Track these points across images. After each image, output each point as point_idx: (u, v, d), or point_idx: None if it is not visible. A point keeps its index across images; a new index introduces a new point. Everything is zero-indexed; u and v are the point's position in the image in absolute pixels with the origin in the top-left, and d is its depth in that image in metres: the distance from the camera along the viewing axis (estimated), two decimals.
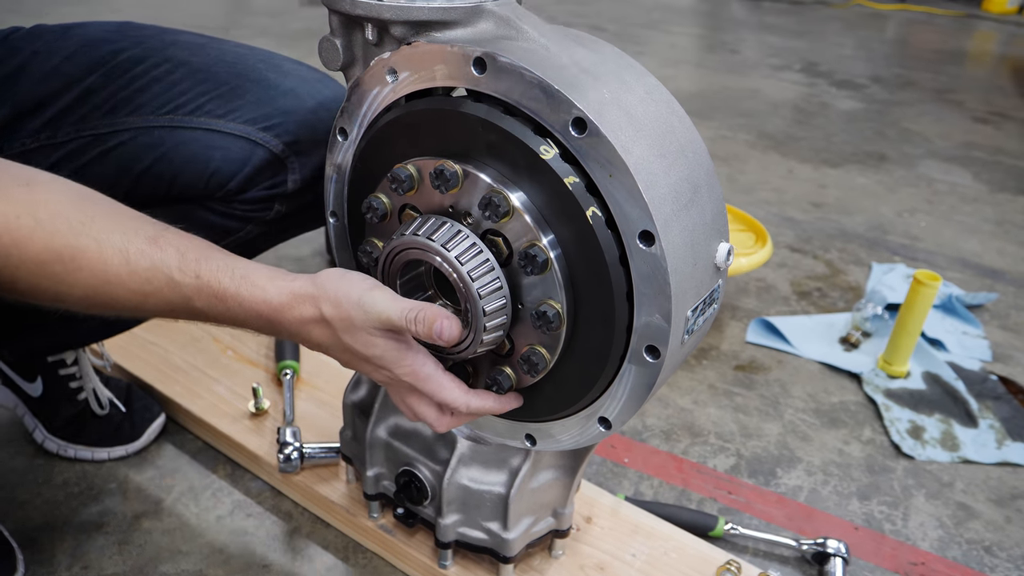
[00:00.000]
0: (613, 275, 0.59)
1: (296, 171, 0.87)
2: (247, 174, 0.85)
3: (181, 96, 0.85)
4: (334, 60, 0.71)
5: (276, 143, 0.85)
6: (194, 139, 0.84)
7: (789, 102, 3.07)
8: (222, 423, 1.12)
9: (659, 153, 0.58)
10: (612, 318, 0.60)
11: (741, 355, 1.48)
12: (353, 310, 0.60)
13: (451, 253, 0.61)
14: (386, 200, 0.68)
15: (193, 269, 0.59)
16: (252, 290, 0.59)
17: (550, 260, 0.60)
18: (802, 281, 1.75)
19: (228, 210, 0.88)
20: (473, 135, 0.61)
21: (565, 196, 0.58)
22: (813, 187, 2.29)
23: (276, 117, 0.85)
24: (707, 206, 0.61)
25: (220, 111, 0.84)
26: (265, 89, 0.86)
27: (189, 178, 0.85)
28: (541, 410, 0.72)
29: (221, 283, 0.59)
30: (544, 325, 0.62)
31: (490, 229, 0.63)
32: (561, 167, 0.58)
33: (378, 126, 0.69)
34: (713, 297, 0.64)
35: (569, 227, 0.59)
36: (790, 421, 1.30)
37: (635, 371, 0.63)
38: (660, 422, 1.28)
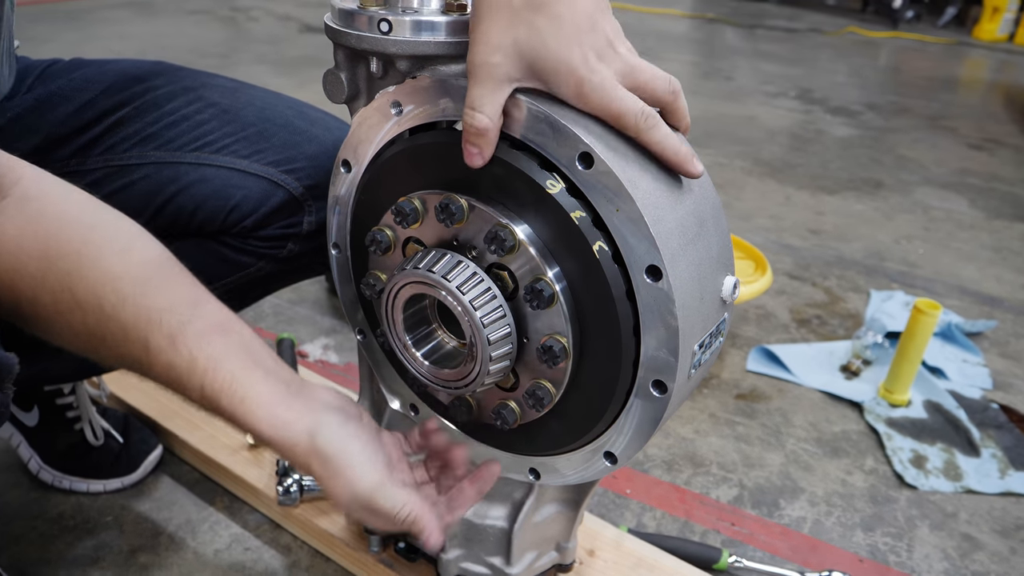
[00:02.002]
0: (620, 310, 0.58)
1: (313, 213, 0.88)
2: (265, 212, 0.86)
3: (209, 135, 0.87)
4: (338, 93, 0.71)
5: (296, 185, 0.87)
6: (218, 176, 0.86)
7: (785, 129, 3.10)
8: (220, 454, 1.11)
9: (665, 187, 0.58)
10: (619, 353, 0.60)
11: (742, 384, 1.47)
12: (342, 491, 0.62)
13: (452, 283, 0.61)
14: (390, 233, 0.68)
15: (199, 381, 0.60)
16: (247, 417, 0.61)
17: (556, 294, 0.60)
18: (801, 308, 1.75)
19: (243, 245, 0.89)
20: (479, 169, 0.61)
21: (571, 230, 0.58)
22: (811, 214, 2.30)
23: (299, 161, 0.87)
24: (713, 240, 0.61)
25: (245, 151, 0.86)
26: (291, 134, 0.88)
27: (209, 212, 0.86)
28: (546, 444, 0.71)
29: (220, 402, 0.61)
30: (550, 359, 0.62)
31: (495, 263, 0.63)
32: (568, 201, 0.58)
33: (383, 159, 0.69)
34: (719, 330, 0.64)
35: (575, 261, 0.59)
36: (792, 451, 1.29)
37: (641, 405, 0.63)
38: (662, 452, 1.27)
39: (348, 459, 0.62)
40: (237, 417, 0.61)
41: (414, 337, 0.71)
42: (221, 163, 0.86)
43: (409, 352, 0.70)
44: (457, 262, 0.62)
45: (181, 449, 1.16)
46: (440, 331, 0.72)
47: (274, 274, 0.92)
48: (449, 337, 0.72)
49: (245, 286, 0.93)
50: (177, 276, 0.62)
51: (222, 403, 0.61)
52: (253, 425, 0.61)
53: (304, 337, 1.54)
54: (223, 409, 0.61)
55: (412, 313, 0.70)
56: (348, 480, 0.62)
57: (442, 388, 0.69)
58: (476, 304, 0.61)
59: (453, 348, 0.72)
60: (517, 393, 0.67)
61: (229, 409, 0.61)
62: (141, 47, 3.67)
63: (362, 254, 0.75)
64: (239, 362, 0.62)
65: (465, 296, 0.61)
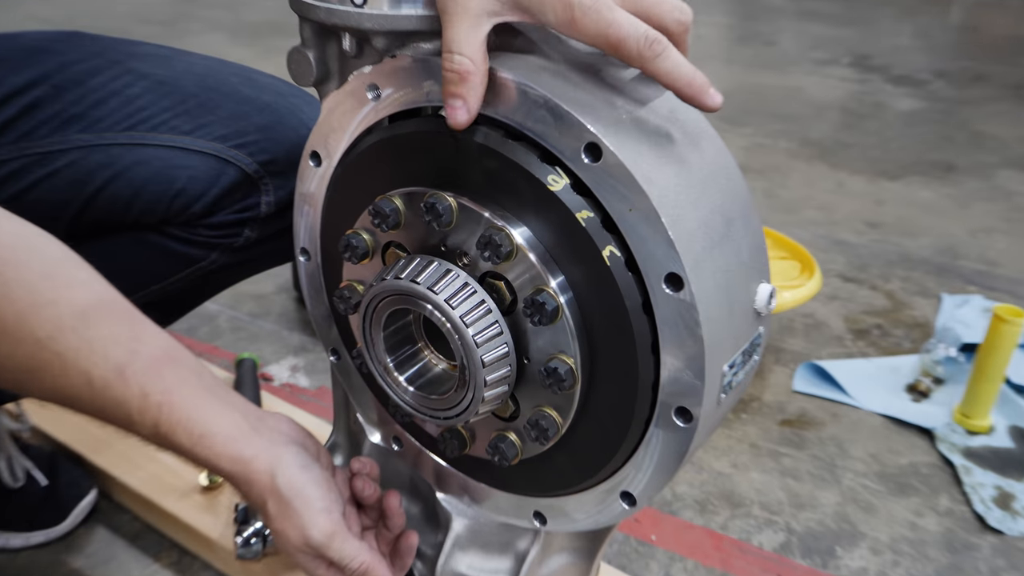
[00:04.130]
0: (635, 324, 0.60)
1: (270, 193, 0.90)
2: (215, 195, 0.88)
3: (142, 111, 0.88)
4: (306, 75, 0.73)
5: (249, 161, 0.89)
6: (156, 157, 0.87)
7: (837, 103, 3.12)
8: (167, 499, 1.12)
9: (686, 181, 0.60)
10: (635, 375, 0.62)
11: (788, 407, 1.48)
12: (294, 536, 0.68)
13: (439, 296, 0.63)
14: (367, 237, 0.70)
15: (153, 417, 0.64)
16: (207, 454, 0.66)
17: (560, 307, 0.61)
18: (858, 317, 1.76)
19: (192, 235, 0.91)
20: (469, 163, 0.63)
21: (578, 234, 0.60)
22: (868, 203, 2.31)
23: (250, 134, 0.89)
24: (744, 241, 0.63)
25: (187, 127, 0.88)
26: (238, 104, 0.90)
27: (150, 199, 0.88)
28: (552, 483, 0.72)
29: (177, 439, 0.65)
30: (555, 383, 0.63)
31: (490, 272, 0.64)
32: (573, 200, 0.59)
33: (357, 151, 0.71)
34: (754, 347, 0.65)
35: (583, 269, 0.61)
36: (850, 488, 1.31)
37: (663, 437, 0.64)
38: (693, 490, 1.28)
39: (305, 504, 0.68)
40: (196, 453, 0.65)
41: (396, 359, 0.72)
42: (160, 142, 0.87)
43: (391, 376, 0.72)
44: (445, 271, 0.64)
45: (120, 493, 1.17)
46: (427, 351, 0.74)
47: (230, 266, 0.94)
48: (437, 358, 0.74)
49: (196, 283, 0.95)
50: (116, 301, 0.66)
51: (179, 440, 0.65)
52: (214, 462, 0.66)
53: (268, 357, 1.56)
54: (180, 446, 0.65)
55: (394, 331, 0.71)
56: (302, 525, 0.68)
57: (429, 418, 0.70)
58: (468, 320, 0.63)
59: (442, 371, 0.73)
60: (517, 423, 0.69)
61: (187, 446, 0.65)
62: (70, 15, 3.70)
63: (335, 262, 0.77)
64: (194, 395, 0.66)
65: (455, 311, 0.63)
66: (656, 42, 0.57)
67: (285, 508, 0.68)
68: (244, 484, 0.68)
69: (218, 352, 1.57)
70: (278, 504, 0.68)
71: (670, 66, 0.57)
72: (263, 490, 0.68)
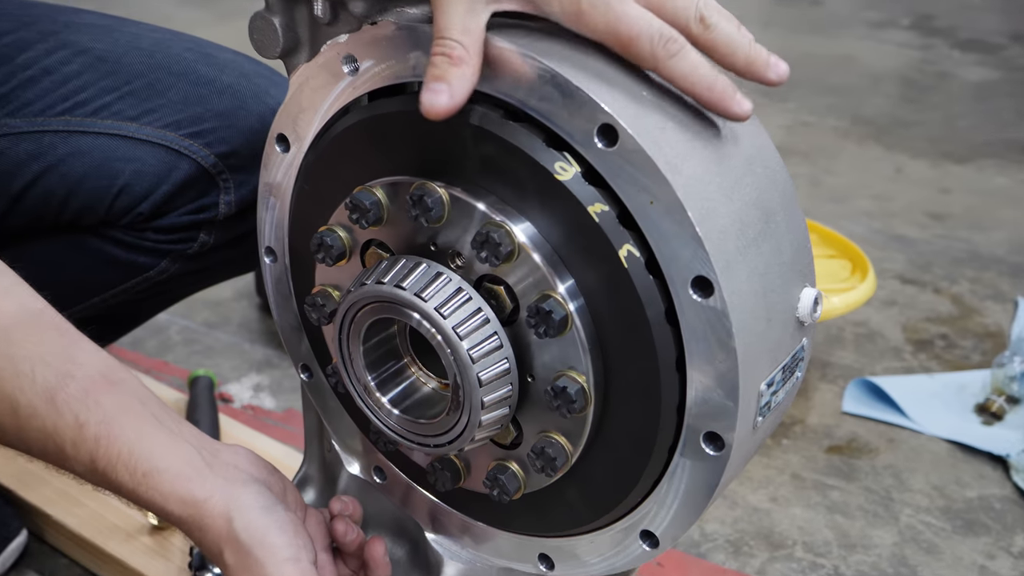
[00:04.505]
0: (657, 336, 0.60)
1: (230, 191, 0.90)
2: (165, 193, 0.88)
3: (80, 92, 0.88)
4: (270, 45, 0.74)
5: (205, 154, 0.89)
6: (96, 147, 0.87)
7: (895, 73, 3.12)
8: (110, 541, 1.13)
9: (717, 169, 0.60)
10: (657, 395, 0.62)
11: (836, 432, 1.49)
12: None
13: (429, 304, 0.63)
14: (344, 235, 0.70)
15: (89, 451, 0.64)
16: (152, 495, 0.66)
17: (570, 316, 0.62)
18: (919, 325, 1.77)
19: (138, 240, 0.91)
20: (463, 148, 0.63)
21: (590, 230, 0.60)
22: (932, 192, 2.32)
23: (208, 121, 0.89)
24: (784, 239, 0.63)
25: (132, 112, 0.88)
26: (193, 85, 0.90)
27: (88, 197, 0.88)
28: (561, 521, 0.73)
29: (117, 477, 0.65)
30: (563, 405, 0.63)
31: (488, 275, 0.65)
32: (584, 191, 0.60)
33: (332, 134, 0.71)
34: (796, 362, 0.66)
35: (596, 272, 0.61)
36: (909, 525, 1.31)
37: (690, 467, 0.65)
38: (725, 528, 1.29)
39: (268, 553, 0.67)
40: (139, 495, 0.65)
41: (378, 377, 0.73)
42: (100, 129, 0.88)
43: (372, 397, 0.72)
44: (435, 275, 0.64)
45: (55, 534, 1.18)
46: (413, 368, 0.74)
47: (182, 276, 0.95)
48: (426, 376, 0.74)
49: (142, 295, 0.95)
50: (44, 314, 0.66)
51: (119, 478, 0.65)
52: (161, 505, 0.66)
53: (228, 374, 1.56)
54: (121, 485, 0.65)
55: (375, 344, 0.72)
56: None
57: (417, 446, 0.71)
58: (462, 331, 0.63)
59: (432, 392, 0.74)
60: (520, 452, 0.69)
61: (130, 485, 0.65)
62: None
63: (306, 263, 0.78)
64: (136, 424, 0.66)
65: (447, 321, 0.63)
66: (672, 41, 0.58)
67: (245, 558, 0.67)
68: (197, 530, 0.68)
69: (168, 369, 1.58)
70: (236, 554, 0.67)
71: (687, 68, 0.58)
72: (219, 537, 0.67)
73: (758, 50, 0.61)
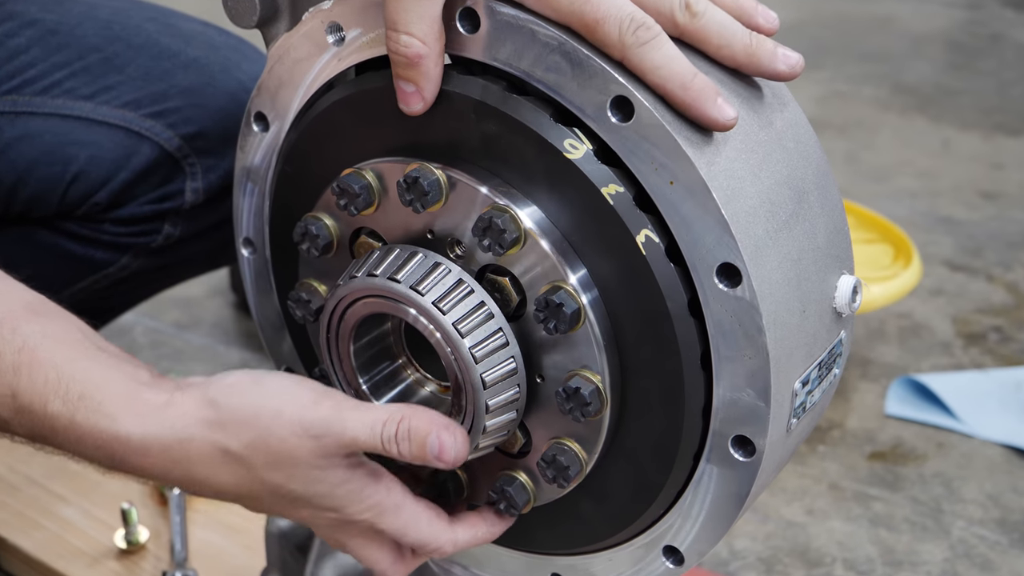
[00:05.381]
0: (680, 331, 0.61)
1: (198, 177, 0.90)
2: (125, 180, 0.88)
3: (28, 68, 0.88)
4: (246, 12, 0.74)
5: (169, 136, 0.89)
6: (47, 129, 0.88)
7: (940, 35, 3.12)
8: (73, 567, 1.13)
9: (744, 145, 0.61)
10: (680, 396, 0.63)
11: (879, 436, 1.49)
12: (291, 438, 0.62)
13: (426, 297, 0.64)
14: (330, 223, 0.71)
15: (9, 383, 0.60)
16: (95, 420, 0.60)
17: (582, 310, 0.62)
18: (971, 317, 1.77)
19: (95, 233, 0.90)
20: (462, 125, 0.64)
21: (604, 214, 0.61)
22: (983, 168, 2.31)
23: (172, 99, 0.89)
24: (819, 221, 0.64)
25: (87, 90, 0.88)
26: (155, 59, 0.89)
27: (38, 186, 0.88)
28: (574, 537, 0.73)
29: (47, 409, 0.60)
30: (576, 408, 0.64)
31: (491, 265, 0.65)
32: (597, 171, 0.60)
33: (316, 111, 0.72)
34: (833, 358, 0.66)
35: (611, 260, 0.62)
36: (961, 539, 1.31)
37: (717, 475, 0.65)
38: (756, 545, 1.29)
39: (283, 396, 0.63)
40: (78, 426, 0.60)
41: (371, 380, 0.73)
42: (51, 109, 0.88)
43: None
44: (433, 265, 0.65)
45: (11, 559, 1.18)
46: (409, 370, 0.75)
47: (146, 273, 0.94)
48: (424, 378, 0.75)
49: (101, 295, 0.95)
50: None
51: (50, 409, 0.60)
52: (107, 431, 0.60)
53: None
54: (53, 421, 0.60)
55: (367, 343, 0.72)
56: (292, 413, 0.62)
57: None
58: (463, 328, 0.63)
59: (430, 395, 0.74)
60: (529, 460, 0.70)
61: (65, 417, 0.60)
62: None
63: (289, 254, 0.78)
64: (66, 350, 0.62)
65: (446, 316, 0.63)
66: (643, 27, 0.57)
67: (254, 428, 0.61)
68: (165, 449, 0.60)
69: None
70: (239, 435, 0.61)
71: (659, 60, 0.57)
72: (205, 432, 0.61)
73: (760, 40, 0.60)
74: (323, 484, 0.64)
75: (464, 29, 0.63)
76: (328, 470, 0.64)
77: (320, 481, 0.64)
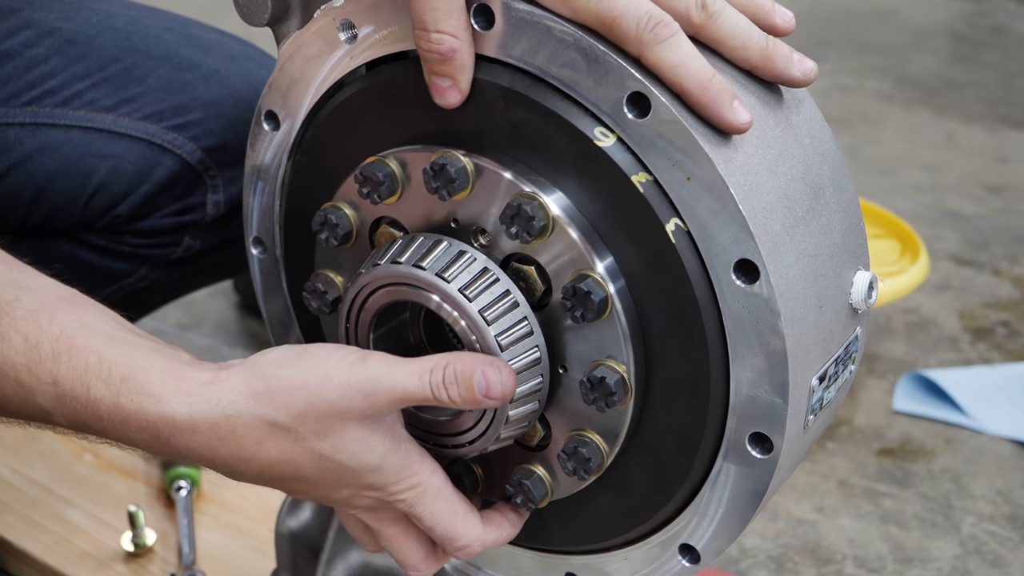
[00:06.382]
0: (707, 320, 0.62)
1: (219, 190, 0.91)
2: (146, 192, 0.89)
3: (48, 79, 0.88)
4: (258, 10, 0.75)
5: (191, 148, 0.90)
6: (68, 141, 0.88)
7: (944, 26, 3.11)
8: (80, 570, 1.13)
9: (760, 141, 0.62)
10: (705, 388, 0.64)
11: (888, 432, 1.50)
12: (341, 400, 0.62)
13: (452, 285, 0.65)
14: (350, 213, 0.72)
15: (49, 371, 0.61)
16: (140, 401, 0.61)
17: (610, 298, 0.63)
18: (978, 311, 1.78)
19: (114, 245, 0.92)
20: (490, 112, 0.65)
21: (634, 203, 0.62)
22: (988, 161, 2.32)
23: (193, 111, 0.90)
24: (836, 216, 0.65)
25: (108, 101, 0.89)
26: (176, 70, 0.90)
27: (59, 198, 0.88)
28: (591, 533, 0.74)
29: (90, 393, 0.61)
30: (601, 398, 0.65)
31: (515, 254, 0.66)
32: (627, 159, 0.61)
33: (330, 108, 0.73)
34: (849, 354, 0.68)
35: (639, 249, 0.63)
36: (972, 536, 1.32)
37: (735, 473, 0.66)
38: (766, 543, 1.30)
39: (330, 361, 0.63)
40: (122, 408, 0.61)
41: None
42: (72, 121, 0.88)
43: None
44: (458, 253, 0.66)
45: (18, 563, 1.18)
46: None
47: (162, 284, 0.95)
48: None
49: (116, 304, 0.95)
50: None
51: (92, 394, 0.61)
52: (153, 410, 0.61)
53: None
54: (96, 405, 0.61)
55: (386, 334, 0.73)
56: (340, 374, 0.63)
57: (432, 447, 0.71)
58: (489, 316, 0.64)
59: None
60: (548, 453, 0.71)
61: (109, 401, 0.60)
62: None
63: (300, 251, 0.79)
64: (104, 336, 0.62)
65: (472, 304, 0.64)
66: (662, 24, 0.58)
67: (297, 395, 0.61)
68: (212, 426, 0.61)
69: None
70: (287, 400, 0.61)
71: (677, 58, 0.58)
72: (251, 409, 0.61)
73: (776, 45, 0.62)
74: (372, 454, 0.64)
75: (478, 25, 0.64)
76: (377, 434, 0.64)
77: (370, 450, 0.64)
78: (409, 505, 0.67)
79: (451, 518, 0.68)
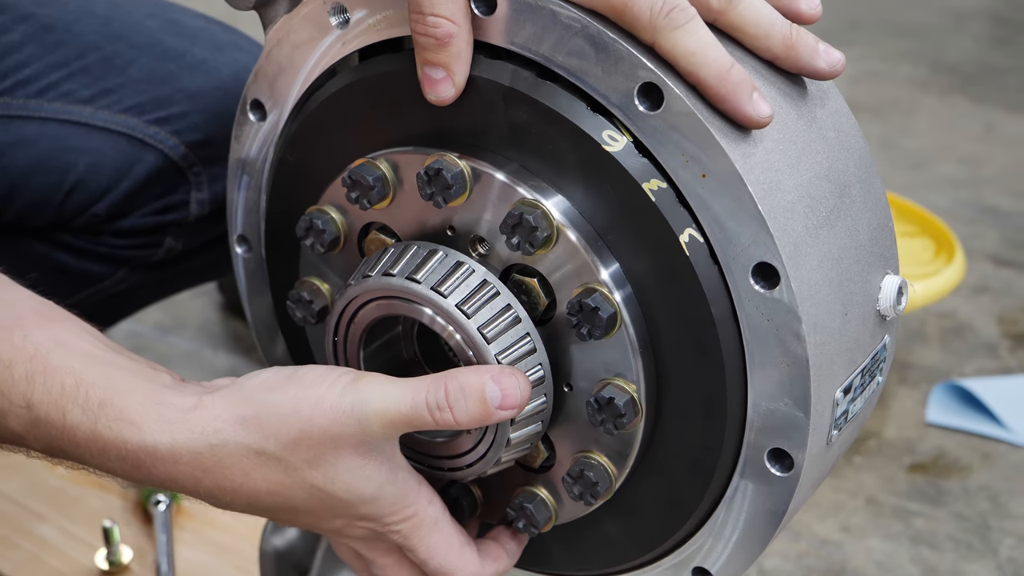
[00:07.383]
0: (723, 337, 0.61)
1: (204, 188, 0.91)
2: (126, 190, 0.89)
3: (23, 68, 0.88)
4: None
5: (174, 143, 0.89)
6: (43, 135, 0.88)
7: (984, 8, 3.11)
8: None
9: (781, 135, 0.62)
10: (721, 406, 0.63)
11: (919, 446, 1.49)
12: (334, 426, 0.62)
13: (449, 300, 0.64)
14: (338, 218, 0.71)
15: (23, 393, 0.60)
16: (118, 428, 0.61)
17: (619, 314, 0.63)
18: (1018, 316, 1.77)
19: (91, 246, 0.91)
20: (489, 113, 0.64)
21: (645, 212, 0.61)
22: None
23: (177, 104, 0.89)
24: (862, 216, 0.65)
25: (86, 92, 0.88)
26: (159, 60, 0.90)
27: (33, 195, 0.88)
28: (598, 558, 0.74)
29: (66, 419, 0.60)
30: (609, 419, 0.64)
31: (516, 265, 0.66)
32: (638, 165, 0.61)
33: (320, 98, 0.72)
34: (876, 364, 0.67)
35: (649, 261, 0.62)
36: (1010, 559, 1.32)
37: (752, 491, 0.66)
38: (788, 565, 1.30)
39: (322, 384, 0.63)
40: (99, 436, 0.60)
41: None
42: (47, 113, 0.88)
43: None
44: (455, 265, 0.65)
45: None
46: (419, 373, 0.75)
47: (141, 288, 0.95)
48: None
49: (90, 311, 0.95)
50: None
51: (68, 420, 0.60)
52: (133, 441, 0.60)
53: None
54: (73, 433, 0.60)
55: (378, 349, 0.73)
56: (332, 398, 0.62)
57: (428, 470, 0.71)
58: (489, 333, 0.64)
59: None
60: (552, 475, 0.70)
61: (85, 427, 0.60)
62: None
63: (288, 252, 0.78)
64: (81, 356, 0.62)
65: (471, 321, 0.64)
66: (678, 9, 0.58)
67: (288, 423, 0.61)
68: (196, 456, 0.60)
69: None
70: (277, 428, 0.61)
71: (693, 45, 0.58)
72: (239, 437, 0.61)
73: (801, 34, 0.61)
74: (367, 484, 0.64)
75: (479, 11, 0.63)
76: (373, 463, 0.64)
77: (365, 480, 0.64)
78: (404, 537, 0.67)
79: (446, 552, 0.67)
